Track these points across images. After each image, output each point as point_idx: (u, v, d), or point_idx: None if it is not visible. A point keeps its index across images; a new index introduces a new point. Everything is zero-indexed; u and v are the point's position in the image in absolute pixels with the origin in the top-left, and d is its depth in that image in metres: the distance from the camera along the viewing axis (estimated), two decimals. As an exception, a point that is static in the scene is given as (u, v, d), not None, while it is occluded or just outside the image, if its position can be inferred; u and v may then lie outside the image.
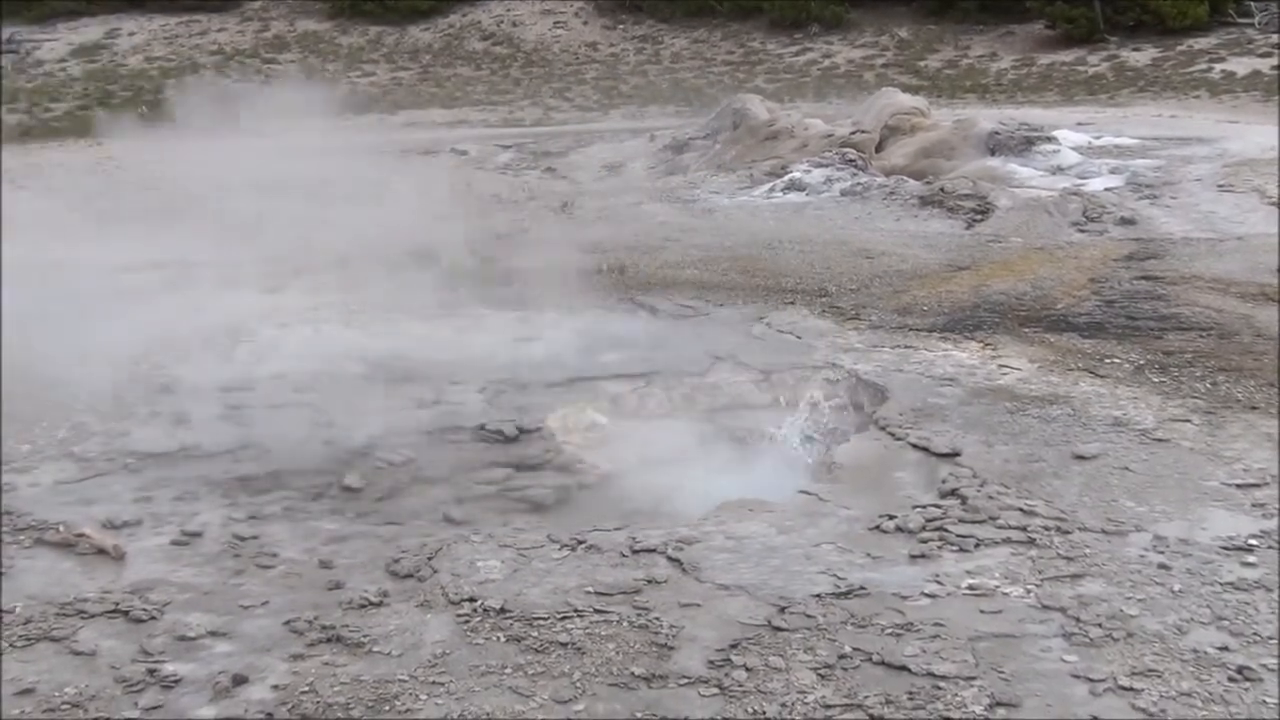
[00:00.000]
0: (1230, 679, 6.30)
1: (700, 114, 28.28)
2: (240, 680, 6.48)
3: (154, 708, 6.30)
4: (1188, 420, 9.92)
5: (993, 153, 22.69)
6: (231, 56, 45.86)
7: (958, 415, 10.18)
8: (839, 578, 7.45)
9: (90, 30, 48.83)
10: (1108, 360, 11.50)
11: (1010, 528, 8.03)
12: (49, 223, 16.79)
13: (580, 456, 9.88)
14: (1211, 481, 8.72)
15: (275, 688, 6.43)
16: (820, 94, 36.64)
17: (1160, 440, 9.51)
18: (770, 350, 12.00)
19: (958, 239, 17.46)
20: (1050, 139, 23.27)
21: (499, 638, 6.87)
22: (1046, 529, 7.99)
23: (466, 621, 7.05)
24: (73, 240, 15.79)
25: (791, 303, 13.87)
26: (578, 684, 6.40)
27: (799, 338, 12.45)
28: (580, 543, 8.00)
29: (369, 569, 7.77)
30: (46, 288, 13.24)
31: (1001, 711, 6.11)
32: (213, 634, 6.99)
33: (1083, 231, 17.57)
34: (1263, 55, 35.51)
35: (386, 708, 6.23)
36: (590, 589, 7.38)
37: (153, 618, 7.16)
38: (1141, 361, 11.43)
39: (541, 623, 7.00)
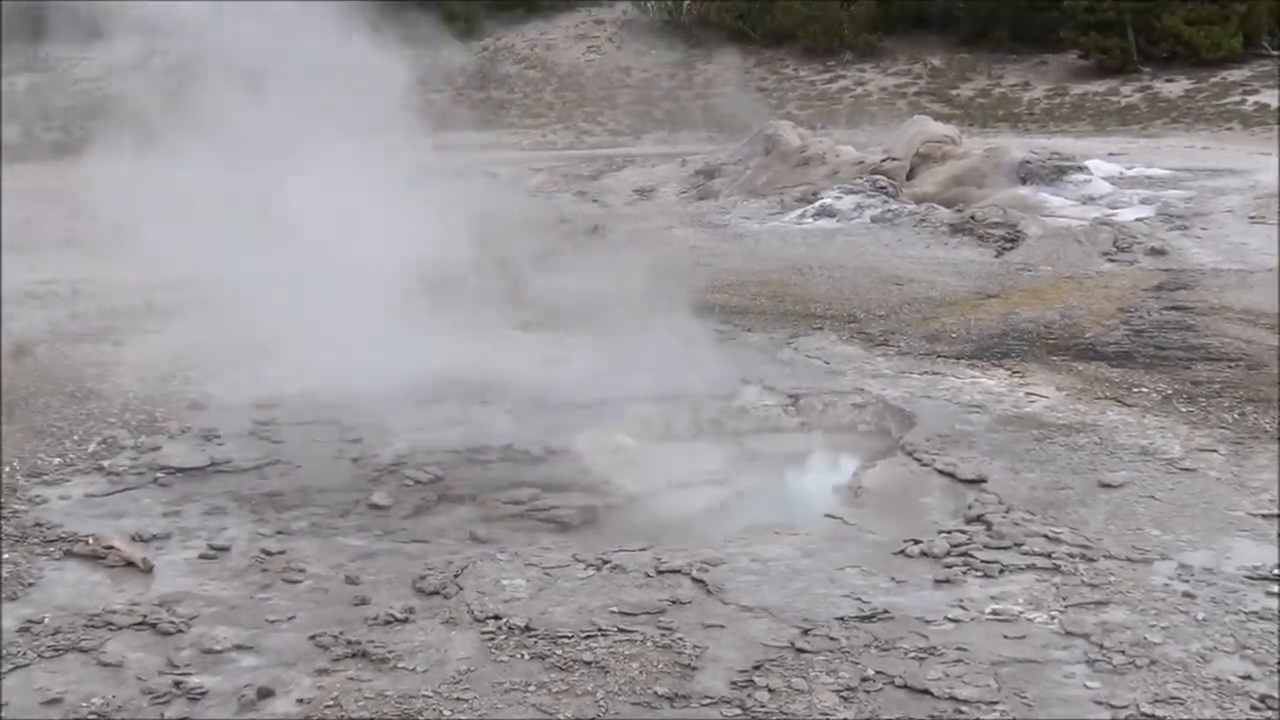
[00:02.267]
0: (1253, 708, 6.28)
1: (732, 139, 28.36)
2: (266, 694, 6.52)
3: (180, 719, 6.35)
4: (1215, 450, 9.90)
5: (1024, 181, 22.70)
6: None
7: (984, 442, 10.19)
8: (863, 601, 7.46)
9: (126, 49, 49.09)
10: (1135, 389, 11.49)
11: (1035, 554, 8.02)
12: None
13: (607, 477, 9.90)
14: (1238, 511, 8.70)
15: (300, 702, 6.47)
16: (852, 121, 36.68)
17: (1187, 470, 9.50)
18: (798, 375, 12.02)
19: (987, 267, 17.48)
20: (1082, 168, 23.28)
21: (523, 655, 6.90)
22: (1071, 556, 7.98)
23: (491, 639, 7.08)
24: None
25: (820, 328, 13.90)
26: (601, 703, 6.42)
27: (827, 363, 12.48)
28: (605, 563, 8.02)
29: (395, 586, 7.81)
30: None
31: (1023, 736, 6.12)
32: (239, 647, 7.03)
33: (1113, 261, 17.57)
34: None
35: (410, 723, 6.28)
36: (615, 609, 7.40)
37: (180, 630, 7.21)
38: (1169, 391, 11.42)
39: (566, 641, 7.02)
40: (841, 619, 7.25)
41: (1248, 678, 6.55)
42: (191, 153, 13.71)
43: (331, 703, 6.43)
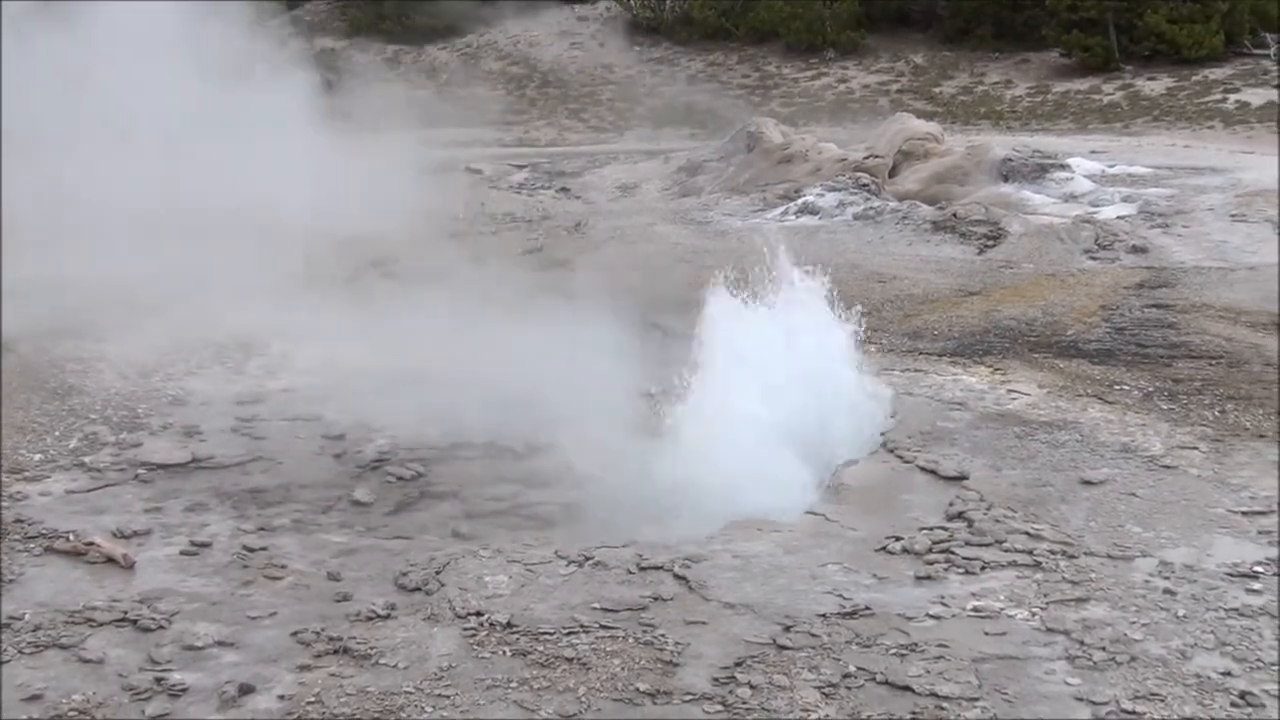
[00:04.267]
0: (1233, 704, 6.32)
1: (715, 137, 28.33)
2: (247, 690, 6.53)
3: (161, 716, 6.36)
4: (1195, 447, 9.93)
5: (1006, 179, 22.71)
6: (249, 73, 45.88)
7: (966, 439, 10.21)
8: (844, 598, 7.48)
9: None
10: (1117, 387, 11.52)
11: (1016, 551, 8.05)
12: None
13: (590, 473, 9.90)
14: (1218, 508, 8.74)
15: (282, 698, 6.48)
16: (835, 118, 36.64)
17: (1168, 467, 9.53)
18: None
19: (969, 264, 17.48)
20: (1064, 166, 23.28)
21: (505, 652, 6.91)
22: (1052, 553, 8.02)
23: (473, 635, 7.09)
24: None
25: (802, 324, 13.88)
26: (582, 699, 6.44)
27: (809, 359, 12.46)
28: (588, 559, 8.03)
29: (377, 582, 7.82)
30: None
31: (1004, 732, 6.15)
32: (220, 644, 7.04)
33: (1094, 259, 17.57)
34: (1278, 86, 35.45)
35: (392, 719, 6.27)
36: (597, 605, 7.42)
37: (161, 627, 7.21)
38: (1150, 389, 11.45)
39: (547, 638, 7.04)
40: (823, 616, 7.27)
41: (1228, 674, 6.59)
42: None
43: (313, 699, 6.44)
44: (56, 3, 17.02)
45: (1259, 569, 7.77)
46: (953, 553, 8.05)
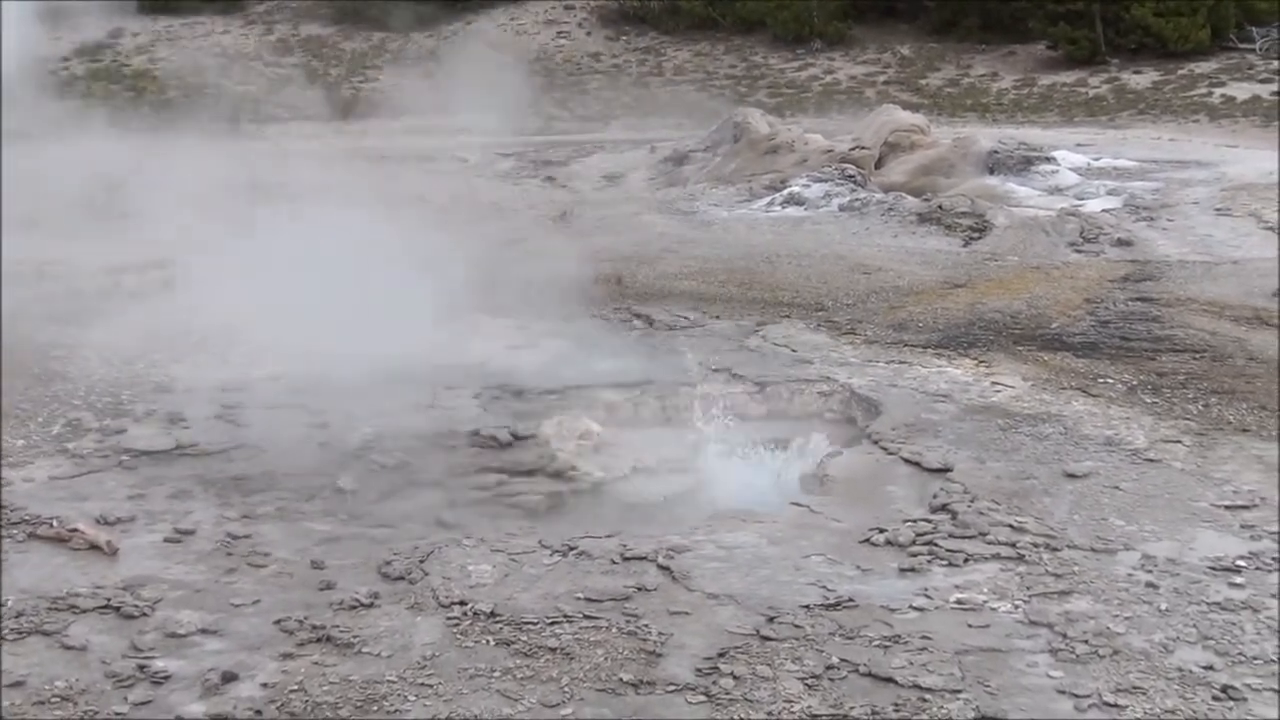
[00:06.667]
0: (1214, 697, 6.34)
1: (701, 127, 28.30)
2: (230, 678, 6.52)
3: (143, 703, 6.34)
4: (1179, 441, 9.95)
5: (991, 171, 22.76)
6: (235, 59, 45.81)
7: (950, 431, 10.22)
8: (828, 589, 7.49)
9: (93, 30, 48.72)
10: (1101, 380, 11.54)
11: (1000, 543, 8.07)
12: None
13: (573, 463, 9.91)
14: (1201, 502, 8.76)
15: (264, 686, 6.47)
16: (821, 109, 36.68)
17: (1151, 460, 9.55)
18: (765, 363, 12.03)
19: (955, 256, 17.49)
20: (1049, 159, 23.33)
21: (488, 641, 6.91)
22: (1036, 546, 8.03)
23: (456, 624, 7.09)
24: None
25: (787, 316, 13.90)
26: (566, 689, 6.43)
27: (794, 351, 12.48)
28: (571, 549, 8.03)
29: (360, 570, 7.81)
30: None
31: (986, 725, 6.16)
32: (203, 631, 7.03)
33: (1079, 252, 17.60)
34: (1263, 80, 35.52)
35: (375, 708, 6.27)
36: (580, 595, 7.42)
37: (144, 614, 7.19)
38: (1134, 382, 11.47)
39: (531, 627, 7.03)
40: (807, 607, 7.28)
41: (1210, 668, 6.61)
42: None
43: (296, 687, 6.43)
44: None
45: (1241, 563, 7.79)
46: (936, 545, 8.06)
